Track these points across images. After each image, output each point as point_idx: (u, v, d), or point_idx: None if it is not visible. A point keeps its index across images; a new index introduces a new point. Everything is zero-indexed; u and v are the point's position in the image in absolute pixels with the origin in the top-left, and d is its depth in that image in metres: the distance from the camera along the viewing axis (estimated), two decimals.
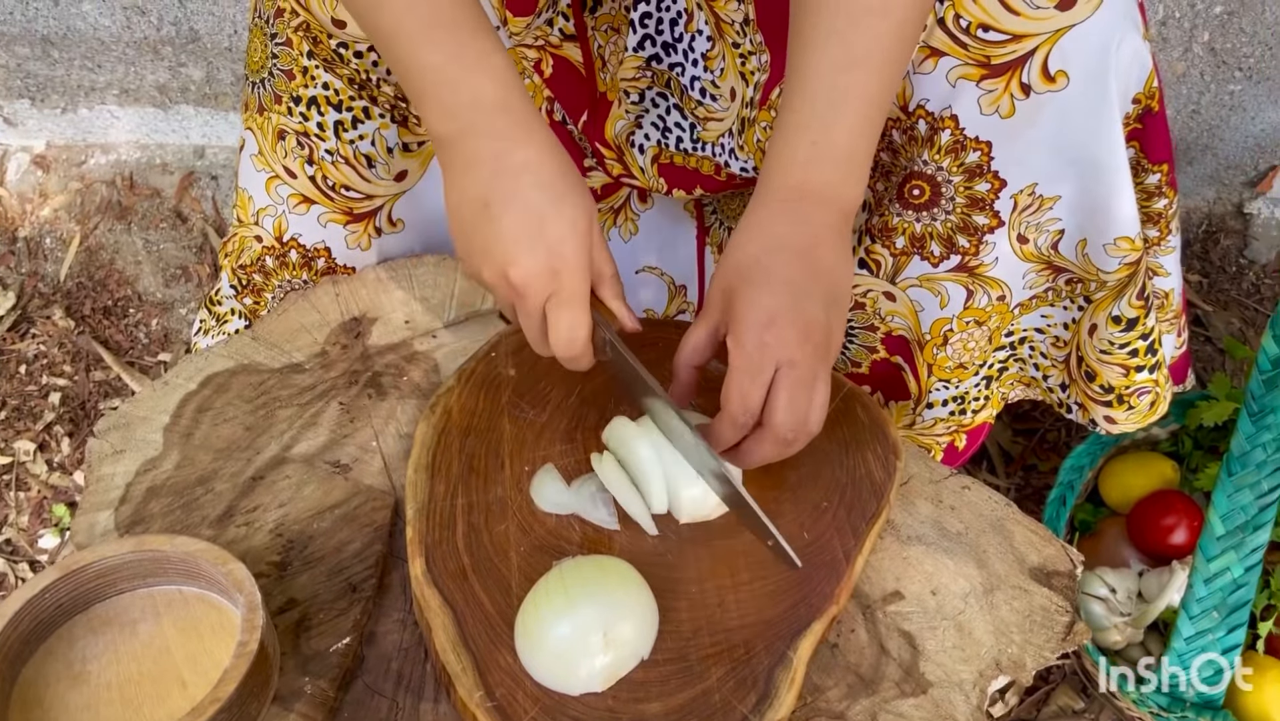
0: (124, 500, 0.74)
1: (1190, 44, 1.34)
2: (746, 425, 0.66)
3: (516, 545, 0.69)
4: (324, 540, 0.71)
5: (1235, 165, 1.47)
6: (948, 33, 0.72)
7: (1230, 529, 0.87)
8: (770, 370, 0.65)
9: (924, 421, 0.96)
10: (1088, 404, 0.94)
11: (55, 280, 1.46)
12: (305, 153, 0.89)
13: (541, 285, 0.67)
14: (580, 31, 0.86)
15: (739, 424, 0.66)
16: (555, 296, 0.67)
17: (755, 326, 0.65)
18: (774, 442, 0.66)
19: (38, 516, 1.24)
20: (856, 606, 0.69)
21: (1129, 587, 1.02)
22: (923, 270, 0.84)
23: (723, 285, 0.69)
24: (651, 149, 0.90)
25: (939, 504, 0.76)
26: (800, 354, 0.65)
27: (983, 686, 0.66)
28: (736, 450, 0.68)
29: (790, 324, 0.65)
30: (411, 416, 0.80)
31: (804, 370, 0.65)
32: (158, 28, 1.43)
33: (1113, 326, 0.86)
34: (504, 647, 0.63)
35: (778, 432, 0.65)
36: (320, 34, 0.83)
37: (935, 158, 0.77)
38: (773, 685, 0.62)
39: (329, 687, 0.63)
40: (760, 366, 0.65)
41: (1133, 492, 1.10)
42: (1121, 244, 0.81)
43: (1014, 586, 0.71)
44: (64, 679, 0.62)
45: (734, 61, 0.81)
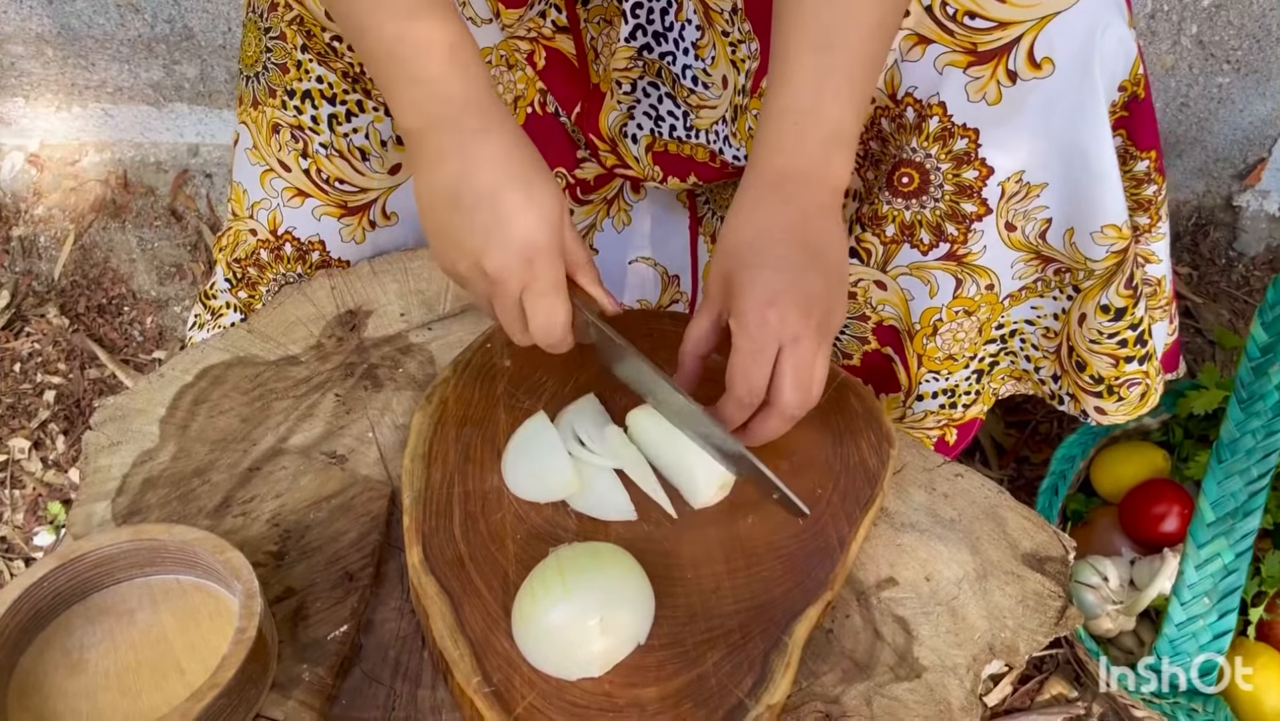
0: (121, 491, 0.74)
1: (1179, 37, 1.35)
2: (753, 405, 0.67)
3: (513, 533, 0.69)
4: (321, 530, 0.71)
5: (1224, 158, 1.48)
6: (935, 20, 0.72)
7: (1220, 516, 0.88)
8: (774, 348, 0.66)
9: (914, 414, 0.96)
10: (1079, 394, 0.94)
11: (50, 278, 1.46)
12: (299, 146, 0.89)
13: (516, 275, 0.67)
14: (573, 23, 0.86)
15: (745, 404, 0.67)
16: (531, 285, 0.68)
17: (757, 306, 0.65)
18: (780, 419, 0.67)
19: (33, 514, 1.24)
20: (851, 592, 0.70)
21: (1121, 576, 1.03)
22: (913, 258, 0.85)
23: (721, 272, 0.69)
24: (645, 138, 0.90)
25: (932, 491, 0.76)
26: (803, 330, 0.66)
27: (976, 671, 0.67)
28: (743, 429, 0.69)
29: (792, 301, 0.65)
30: (407, 408, 0.80)
31: (807, 347, 0.66)
32: (152, 26, 1.43)
33: (1101, 315, 0.87)
34: (501, 634, 0.63)
35: (784, 411, 0.67)
36: (314, 28, 0.83)
37: (924, 145, 0.78)
38: (768, 669, 0.62)
39: (327, 675, 0.64)
40: (764, 345, 0.65)
41: (1124, 482, 1.11)
42: (1109, 232, 0.81)
43: (1007, 572, 0.71)
44: (62, 667, 0.62)
45: (724, 50, 0.82)
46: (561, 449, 0.72)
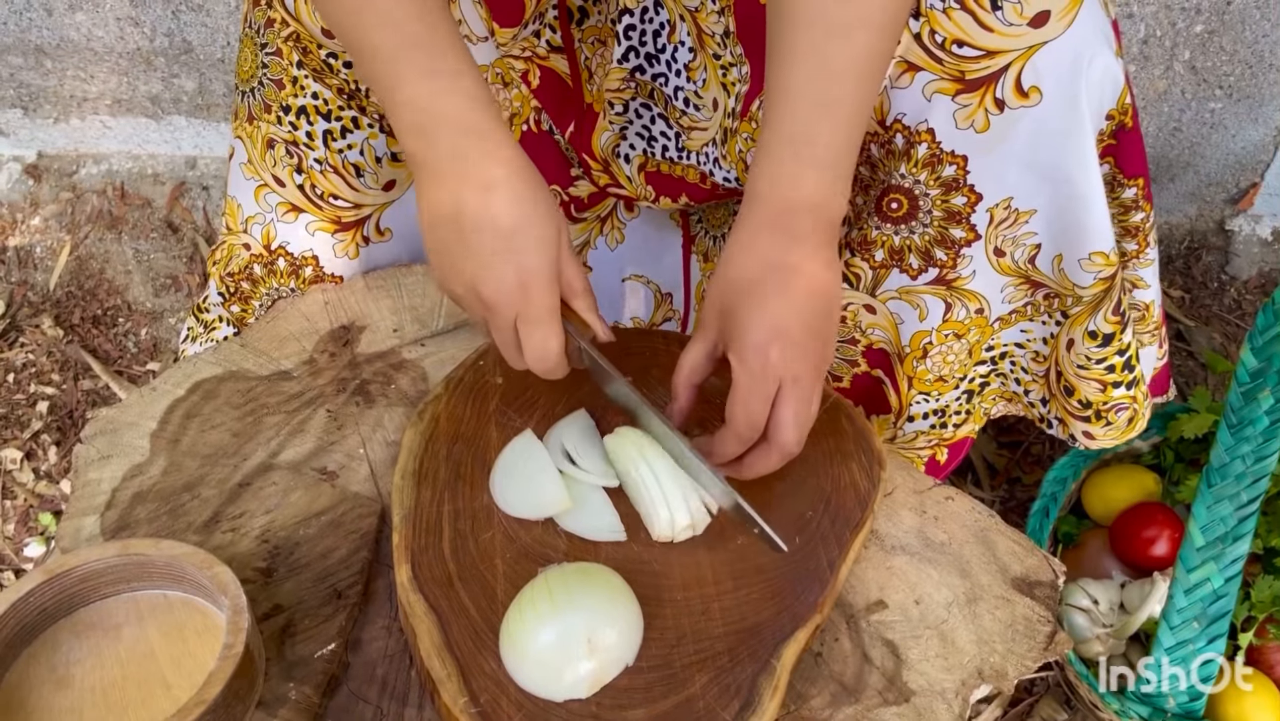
0: (110, 505, 0.74)
1: (1171, 62, 1.36)
2: (752, 440, 0.68)
3: (502, 552, 0.69)
4: (310, 546, 0.71)
5: (1216, 182, 1.49)
6: (924, 48, 0.73)
7: (1210, 540, 0.88)
8: (774, 387, 0.67)
9: (905, 435, 0.96)
10: (1067, 419, 0.95)
11: (45, 289, 1.46)
12: (294, 161, 0.89)
13: (511, 301, 0.68)
14: (567, 43, 0.87)
15: (745, 440, 0.68)
16: (525, 313, 0.69)
17: (758, 346, 0.66)
18: (777, 455, 0.69)
19: (24, 525, 1.24)
20: (840, 615, 0.70)
21: (1111, 599, 1.03)
22: (901, 283, 0.85)
23: (718, 303, 0.70)
24: (638, 158, 0.91)
25: (923, 514, 0.76)
26: (803, 368, 0.67)
27: (965, 695, 0.66)
28: (738, 462, 0.70)
29: (790, 342, 0.66)
30: (399, 424, 0.80)
31: (807, 384, 0.67)
32: (151, 39, 1.43)
33: (1089, 341, 0.87)
34: (488, 654, 0.63)
35: (783, 447, 0.68)
36: (310, 44, 0.84)
37: (913, 171, 0.78)
38: (756, 692, 0.62)
39: (313, 693, 0.63)
40: (765, 386, 0.66)
41: (1115, 505, 1.11)
42: (1096, 259, 0.82)
43: (997, 596, 0.71)
44: (48, 683, 0.62)
45: (715, 72, 0.82)
46: (551, 466, 0.72)
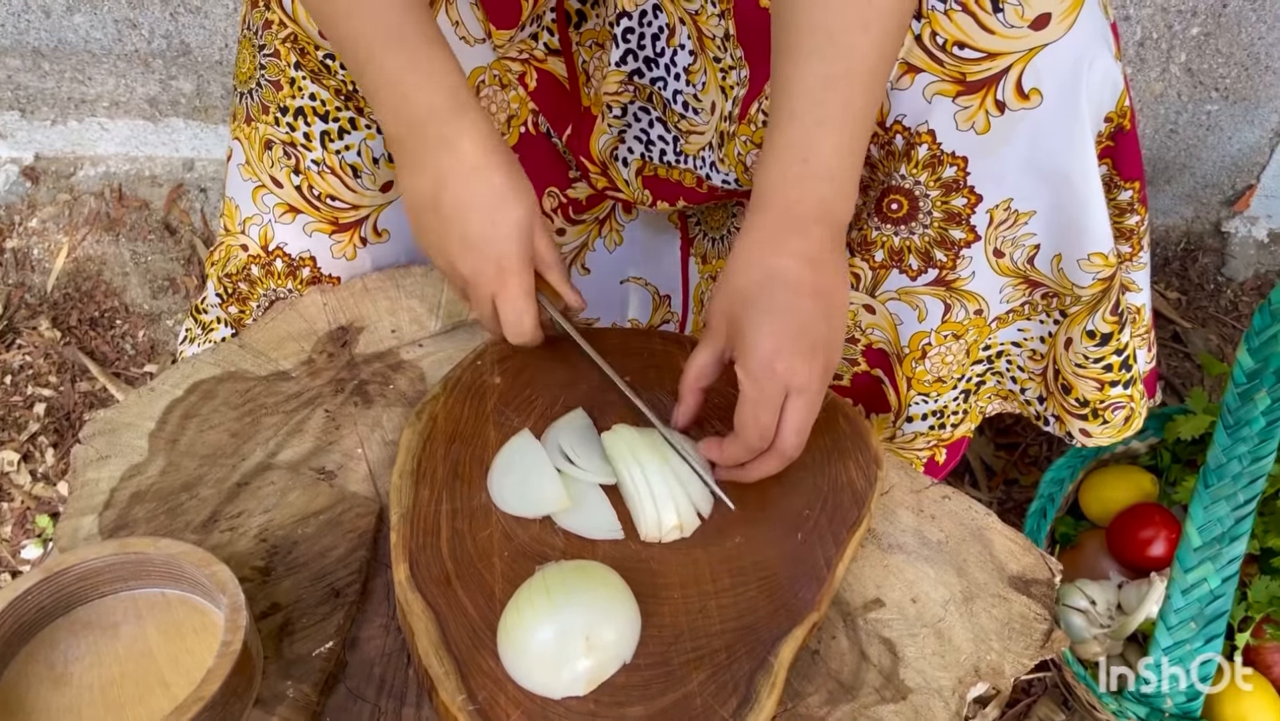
0: (108, 505, 0.74)
1: (1168, 64, 1.36)
2: (761, 450, 0.69)
3: (500, 550, 0.69)
4: (308, 546, 0.71)
5: (1213, 184, 1.49)
6: (925, 49, 0.73)
7: (1207, 540, 0.88)
8: (781, 397, 0.67)
9: (904, 435, 0.96)
10: (1064, 417, 0.95)
11: (42, 291, 1.46)
12: (292, 162, 0.89)
13: (488, 280, 0.74)
14: (565, 46, 0.87)
15: (754, 450, 0.69)
16: (501, 290, 0.74)
17: (765, 356, 0.67)
18: (779, 461, 0.70)
19: (21, 527, 1.24)
20: (837, 613, 0.70)
21: (1108, 599, 1.03)
22: (901, 284, 0.85)
23: (725, 310, 0.70)
24: (635, 161, 0.91)
25: (920, 513, 0.76)
26: (809, 378, 0.67)
27: (962, 693, 0.67)
28: (741, 467, 0.71)
29: (797, 351, 0.67)
30: (397, 424, 0.80)
31: (813, 393, 0.68)
32: (149, 41, 1.44)
33: (1087, 341, 0.87)
34: (486, 652, 0.63)
35: (786, 453, 0.69)
36: (308, 45, 0.84)
37: (913, 172, 0.78)
38: (753, 690, 0.62)
39: (311, 692, 0.63)
40: (773, 395, 0.67)
41: (1112, 505, 1.11)
42: (1095, 259, 0.82)
43: (993, 594, 0.72)
44: (46, 681, 0.62)
45: (715, 75, 0.83)
46: (549, 464, 0.72)
